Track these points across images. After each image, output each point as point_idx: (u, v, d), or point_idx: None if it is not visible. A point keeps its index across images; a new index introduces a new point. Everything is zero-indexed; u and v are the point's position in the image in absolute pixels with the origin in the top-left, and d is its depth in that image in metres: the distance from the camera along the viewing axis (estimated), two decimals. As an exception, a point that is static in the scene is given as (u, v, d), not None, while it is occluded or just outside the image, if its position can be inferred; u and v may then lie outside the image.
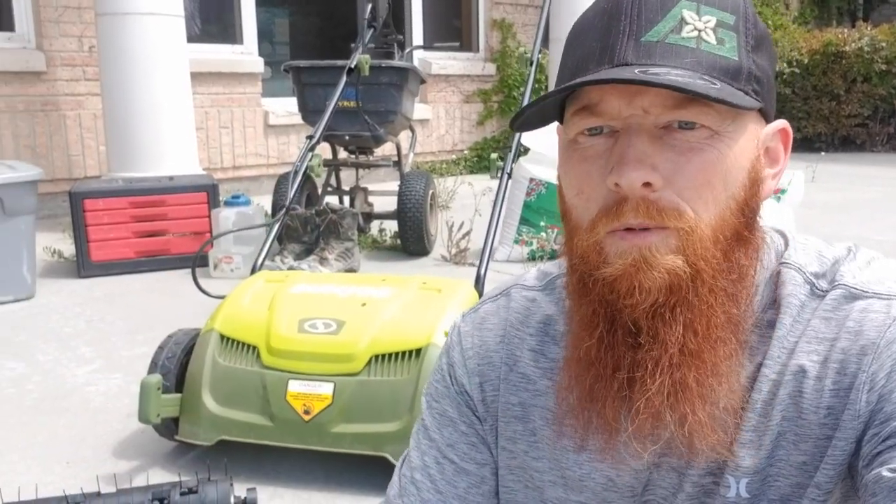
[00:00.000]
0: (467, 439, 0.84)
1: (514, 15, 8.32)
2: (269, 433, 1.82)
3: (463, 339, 0.86)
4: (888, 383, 0.66)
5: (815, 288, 0.72)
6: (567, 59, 0.71)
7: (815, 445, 0.69)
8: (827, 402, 0.69)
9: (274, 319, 1.94)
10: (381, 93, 4.09)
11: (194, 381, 1.90)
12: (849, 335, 0.69)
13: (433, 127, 7.68)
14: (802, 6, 11.53)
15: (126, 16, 4.29)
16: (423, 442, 0.85)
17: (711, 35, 0.67)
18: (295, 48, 7.24)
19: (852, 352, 0.68)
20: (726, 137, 0.67)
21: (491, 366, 0.83)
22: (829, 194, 6.02)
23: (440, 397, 0.86)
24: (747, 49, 0.68)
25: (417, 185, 4.11)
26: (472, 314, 0.88)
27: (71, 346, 2.84)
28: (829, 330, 0.70)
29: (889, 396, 0.65)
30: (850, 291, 0.71)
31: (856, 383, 0.67)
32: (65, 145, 5.41)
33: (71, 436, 2.11)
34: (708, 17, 0.67)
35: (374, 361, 1.83)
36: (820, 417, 0.69)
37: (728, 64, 0.66)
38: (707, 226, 0.66)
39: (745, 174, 0.69)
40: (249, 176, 6.37)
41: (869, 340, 0.68)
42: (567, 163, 0.71)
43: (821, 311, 0.71)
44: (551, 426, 0.79)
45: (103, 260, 3.82)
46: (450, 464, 0.84)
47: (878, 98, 8.78)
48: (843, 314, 0.70)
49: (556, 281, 0.84)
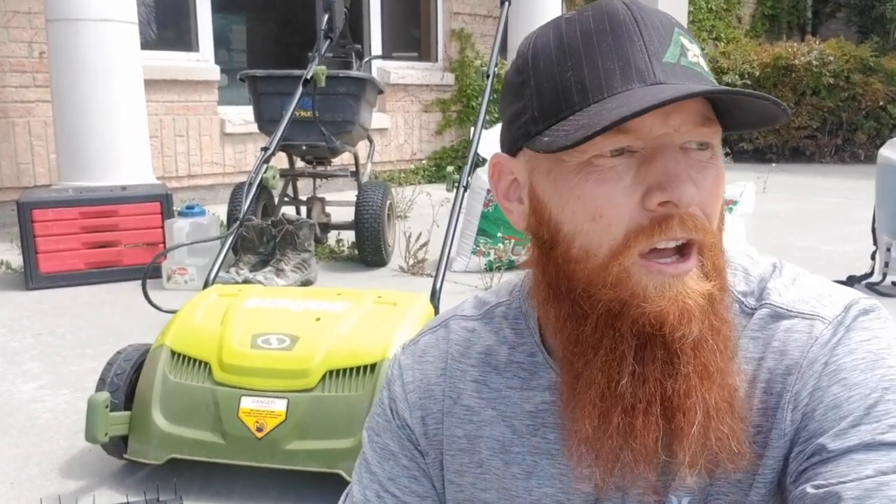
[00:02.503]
0: (409, 472, 0.84)
1: (473, 25, 8.36)
2: (221, 451, 1.79)
3: (404, 373, 0.85)
4: (811, 402, 0.68)
5: (744, 306, 0.74)
6: (561, 78, 0.68)
7: (750, 463, 0.70)
8: (756, 421, 0.70)
9: (226, 334, 1.91)
10: (337, 103, 4.07)
11: (144, 398, 1.86)
12: (774, 355, 0.71)
13: (392, 136, 7.68)
14: (754, 20, 11.79)
15: (78, 21, 4.21)
16: (365, 476, 0.85)
17: (703, 62, 0.69)
18: (252, 56, 7.18)
19: (778, 371, 0.70)
20: (719, 156, 0.70)
21: (433, 399, 0.83)
22: (779, 205, 6.15)
23: (381, 431, 0.85)
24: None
25: (375, 195, 4.10)
26: (412, 346, 0.87)
27: (17, 360, 2.77)
28: (757, 349, 0.72)
29: (812, 414, 0.67)
30: (776, 311, 0.73)
31: (781, 402, 0.69)
32: (13, 153, 5.28)
33: (16, 454, 2.05)
34: (695, 46, 0.70)
35: (328, 377, 1.82)
36: (751, 434, 0.70)
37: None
38: (719, 238, 0.70)
39: None
40: (205, 185, 6.29)
41: (793, 360, 0.70)
42: (578, 186, 0.67)
43: (748, 330, 0.73)
44: (499, 455, 0.79)
45: (52, 272, 3.73)
46: (391, 497, 0.83)
47: (827, 111, 9.01)
48: (768, 333, 0.72)
49: (495, 310, 0.84)
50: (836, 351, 0.69)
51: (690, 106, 0.66)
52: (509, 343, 0.81)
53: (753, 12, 11.80)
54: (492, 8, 8.41)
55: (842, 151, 9.33)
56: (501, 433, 0.79)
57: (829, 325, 0.70)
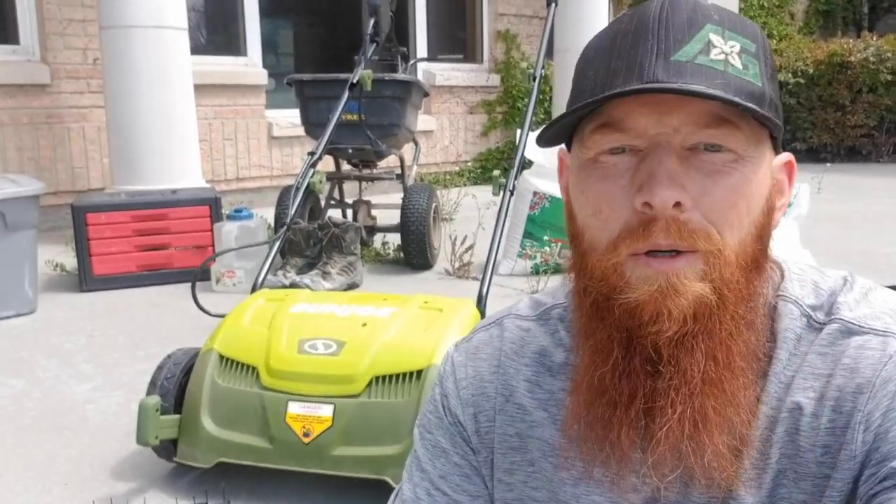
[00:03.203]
0: (460, 471, 0.83)
1: (519, 26, 8.32)
2: (269, 456, 1.80)
3: (457, 370, 0.84)
4: (884, 423, 0.65)
5: (812, 320, 0.71)
6: (585, 77, 0.69)
7: (814, 484, 0.68)
8: (823, 441, 0.67)
9: (273, 339, 1.92)
10: (383, 106, 4.08)
11: (193, 403, 1.88)
12: (844, 372, 0.68)
13: (437, 138, 7.68)
14: (807, 16, 11.52)
15: (130, 28, 4.29)
16: (416, 474, 0.84)
17: (737, 59, 0.66)
18: (299, 60, 7.25)
19: (848, 390, 0.67)
20: (749, 162, 0.66)
21: (485, 396, 0.82)
22: (835, 206, 5.99)
23: (433, 428, 0.85)
24: (767, 77, 0.68)
25: (420, 198, 4.09)
26: (465, 343, 0.86)
27: (72, 362, 2.82)
28: (826, 366, 0.69)
29: (885, 436, 0.64)
30: (847, 326, 0.70)
31: (852, 422, 0.66)
32: (68, 158, 5.41)
33: (69, 455, 2.09)
34: (733, 43, 0.66)
35: (374, 383, 1.81)
36: (817, 456, 0.68)
37: (753, 89, 0.66)
38: (732, 250, 0.66)
39: (763, 200, 0.68)
40: (253, 188, 6.37)
41: (865, 379, 0.66)
42: (583, 182, 0.69)
43: (817, 345, 0.70)
44: (548, 458, 0.77)
45: (105, 274, 3.81)
46: (442, 496, 0.82)
47: (884, 108, 8.75)
48: (839, 350, 0.69)
49: (551, 311, 0.82)
50: None
51: (693, 105, 0.64)
52: (565, 346, 0.79)
53: (806, 8, 11.53)
54: (537, 9, 8.36)
55: (900, 151, 9.06)
56: (552, 436, 0.77)
57: None
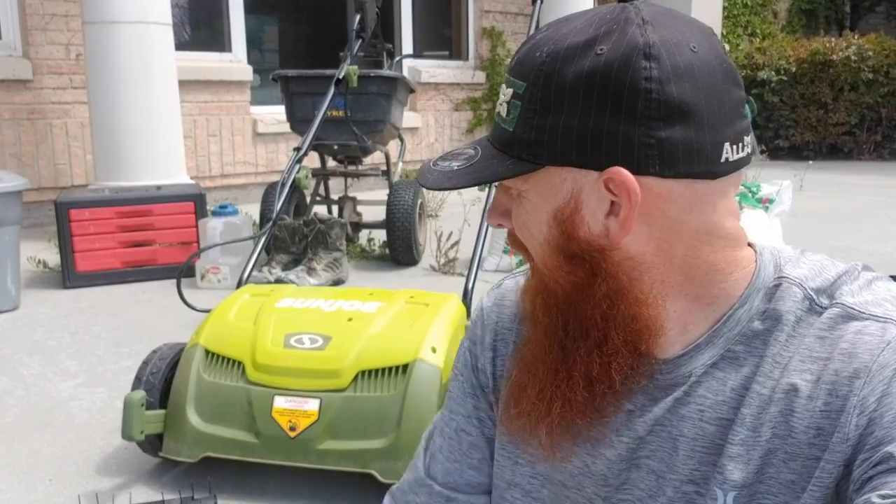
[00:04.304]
0: (479, 414, 0.89)
1: (504, 23, 8.33)
2: (255, 450, 1.80)
3: (485, 316, 0.90)
4: (878, 408, 0.66)
5: (815, 303, 0.73)
6: None
7: (804, 465, 0.69)
8: (817, 423, 0.69)
9: (259, 334, 1.92)
10: (369, 102, 4.08)
11: (179, 397, 1.87)
12: (842, 356, 0.69)
13: (422, 135, 7.68)
14: (790, 15, 11.60)
15: (114, 24, 4.26)
16: (447, 413, 0.91)
17: (505, 108, 0.73)
18: (284, 56, 7.23)
19: (844, 374, 0.68)
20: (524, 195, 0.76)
21: (504, 343, 0.87)
22: (817, 203, 6.04)
23: (463, 370, 0.91)
24: (531, 114, 0.70)
25: (406, 194, 4.10)
26: (496, 290, 0.92)
27: (55, 359, 2.81)
28: (823, 349, 0.70)
29: (879, 421, 0.65)
30: (847, 311, 0.71)
31: (847, 406, 0.67)
32: (51, 154, 5.37)
33: (54, 452, 2.08)
34: (508, 89, 0.73)
35: (360, 377, 1.82)
36: (809, 437, 0.69)
37: (504, 135, 0.73)
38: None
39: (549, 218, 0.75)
40: (237, 184, 6.34)
41: (862, 363, 0.67)
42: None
43: (817, 328, 0.71)
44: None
45: (89, 270, 3.79)
46: (466, 436, 0.89)
47: (865, 106, 8.84)
48: (837, 334, 0.70)
49: None
50: None
51: None
52: None
53: (790, 7, 11.61)
54: (523, 6, 8.38)
55: (881, 148, 9.15)
56: None
57: None
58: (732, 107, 0.70)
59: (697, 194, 0.70)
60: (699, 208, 0.71)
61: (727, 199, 0.73)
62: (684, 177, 0.69)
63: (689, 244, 0.72)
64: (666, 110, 0.67)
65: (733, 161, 0.70)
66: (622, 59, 0.67)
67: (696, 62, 0.68)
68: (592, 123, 0.68)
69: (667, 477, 0.74)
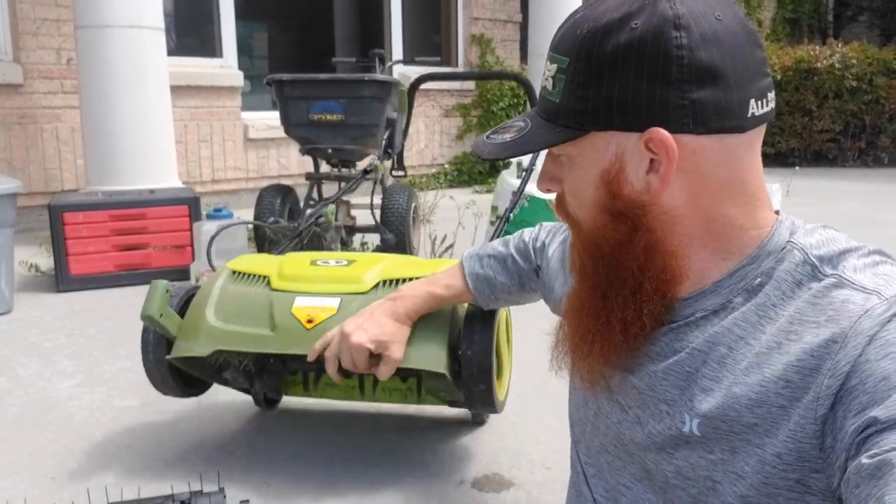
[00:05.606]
0: (529, 274, 1.41)
1: (493, 30, 8.39)
2: (269, 342, 1.74)
3: (563, 230, 1.28)
4: (853, 370, 0.69)
5: (818, 270, 0.77)
6: None
7: (769, 412, 0.73)
8: (787, 376, 0.73)
9: (287, 258, 1.96)
10: (363, 106, 4.10)
11: (198, 303, 1.84)
12: (827, 322, 0.73)
13: (413, 141, 7.70)
14: (775, 24, 11.73)
15: (105, 28, 4.26)
16: (523, 239, 1.46)
17: (551, 82, 0.82)
18: (274, 62, 7.24)
19: (822, 337, 0.72)
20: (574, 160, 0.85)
21: (563, 261, 1.17)
22: (803, 209, 6.11)
23: (545, 234, 1.37)
24: (575, 86, 0.78)
25: (400, 198, 4.11)
26: (565, 231, 1.28)
27: (52, 360, 2.80)
28: (813, 314, 0.74)
29: (861, 387, 0.68)
30: (841, 281, 0.75)
31: (822, 368, 0.71)
32: (41, 159, 5.35)
33: (55, 450, 2.08)
34: (552, 65, 0.81)
35: (381, 285, 1.81)
36: (778, 388, 0.73)
37: (551, 107, 0.82)
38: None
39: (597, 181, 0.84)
40: (228, 189, 6.34)
41: (840, 329, 0.71)
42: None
43: (811, 293, 0.76)
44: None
45: (82, 274, 3.77)
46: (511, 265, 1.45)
47: (849, 114, 8.95)
48: (826, 301, 0.74)
49: None
50: (887, 326, 0.69)
51: None
52: None
53: (774, 16, 11.74)
54: (511, 13, 8.44)
55: (865, 155, 9.26)
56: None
57: (885, 302, 0.71)
58: (756, 66, 0.78)
59: (727, 148, 0.77)
60: (727, 161, 0.78)
61: (752, 151, 0.80)
62: (716, 132, 0.76)
63: (714, 198, 0.79)
64: (697, 74, 0.74)
65: (759, 115, 0.79)
66: (655, 31, 0.73)
67: (721, 29, 0.75)
68: (632, 90, 0.75)
69: (647, 395, 0.85)
